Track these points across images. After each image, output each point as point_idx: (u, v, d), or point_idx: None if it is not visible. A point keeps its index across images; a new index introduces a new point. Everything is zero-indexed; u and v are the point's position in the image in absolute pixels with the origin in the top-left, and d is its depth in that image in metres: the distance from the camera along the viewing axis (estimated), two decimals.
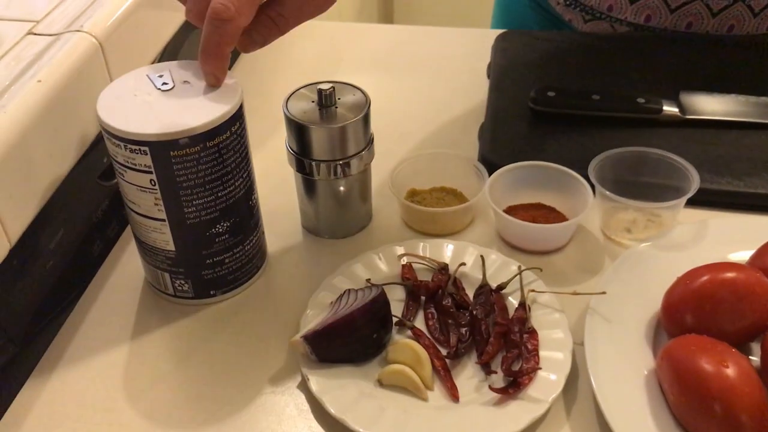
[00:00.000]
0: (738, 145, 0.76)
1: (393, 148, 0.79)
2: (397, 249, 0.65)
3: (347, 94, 0.64)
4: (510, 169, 0.70)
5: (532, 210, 0.70)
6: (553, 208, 0.70)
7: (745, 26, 0.90)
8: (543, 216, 0.69)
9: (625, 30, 0.92)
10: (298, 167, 0.65)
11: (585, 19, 0.95)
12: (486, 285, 0.61)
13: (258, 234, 0.64)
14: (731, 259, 0.61)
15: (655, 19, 0.90)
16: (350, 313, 0.55)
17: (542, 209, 0.70)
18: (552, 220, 0.68)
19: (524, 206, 0.70)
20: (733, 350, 0.50)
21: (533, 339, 0.56)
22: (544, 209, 0.70)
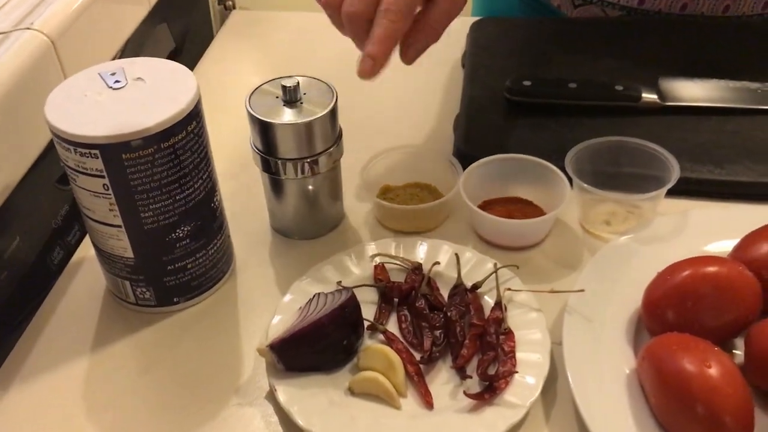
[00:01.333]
0: (719, 131, 0.74)
1: (365, 143, 0.76)
2: (369, 249, 0.63)
3: (313, 88, 0.62)
4: (485, 162, 0.67)
5: (509, 204, 0.67)
6: (530, 202, 0.68)
7: (741, 6, 0.87)
8: (520, 210, 0.66)
9: (618, 14, 0.90)
10: (263, 166, 0.62)
11: (575, 3, 0.92)
12: (461, 284, 0.59)
13: (223, 237, 0.61)
14: (714, 250, 0.59)
15: (649, 1, 0.88)
16: (318, 319, 0.53)
17: (519, 203, 0.68)
18: (529, 215, 0.66)
19: (501, 200, 0.68)
20: (715, 349, 0.48)
21: (510, 340, 0.54)
22: (520, 203, 0.68)
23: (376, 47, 0.58)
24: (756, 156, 0.70)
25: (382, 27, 0.58)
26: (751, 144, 0.71)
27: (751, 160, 0.69)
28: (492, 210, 0.66)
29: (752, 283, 0.52)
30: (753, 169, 0.69)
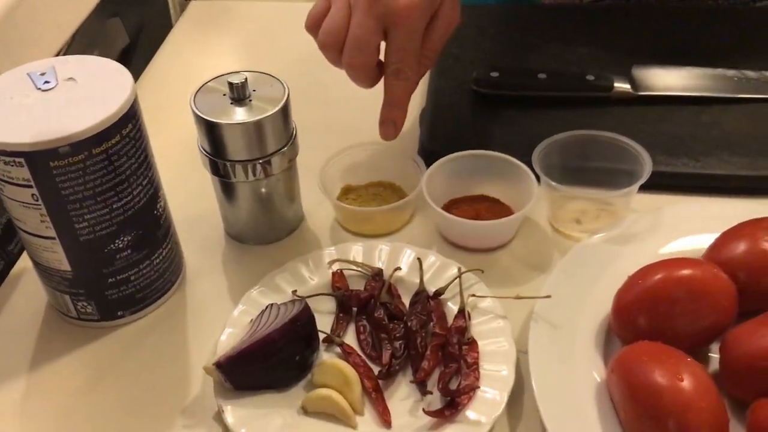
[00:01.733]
0: (695, 122, 0.71)
1: (323, 141, 0.72)
2: (328, 254, 0.59)
3: (263, 84, 0.58)
4: (449, 160, 0.64)
5: (476, 203, 0.64)
6: (497, 200, 0.64)
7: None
8: (487, 209, 0.63)
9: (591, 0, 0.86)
10: (212, 169, 0.58)
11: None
12: (423, 291, 0.55)
13: (169, 245, 0.57)
14: (689, 249, 0.56)
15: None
16: (268, 334, 0.49)
17: (486, 202, 0.64)
18: (496, 214, 0.62)
19: (467, 199, 0.65)
20: (688, 359, 0.45)
21: (473, 351, 0.51)
22: (487, 202, 0.64)
23: (395, 111, 0.61)
24: (733, 148, 0.67)
25: (399, 89, 0.59)
26: (728, 135, 0.69)
27: (727, 152, 0.67)
28: (458, 210, 0.63)
29: (727, 287, 0.49)
30: (729, 162, 0.66)
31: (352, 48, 0.57)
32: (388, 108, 0.61)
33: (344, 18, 0.57)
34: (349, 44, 0.57)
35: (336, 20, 0.57)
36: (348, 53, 0.57)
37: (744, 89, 0.73)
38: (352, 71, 0.59)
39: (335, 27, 0.57)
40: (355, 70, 0.58)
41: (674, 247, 0.57)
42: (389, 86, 0.60)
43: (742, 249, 0.52)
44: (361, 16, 0.56)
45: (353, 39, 0.57)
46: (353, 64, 0.58)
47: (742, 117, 0.71)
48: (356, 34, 0.57)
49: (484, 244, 0.61)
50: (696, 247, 0.56)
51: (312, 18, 0.60)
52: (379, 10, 0.56)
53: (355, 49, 0.57)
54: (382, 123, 0.62)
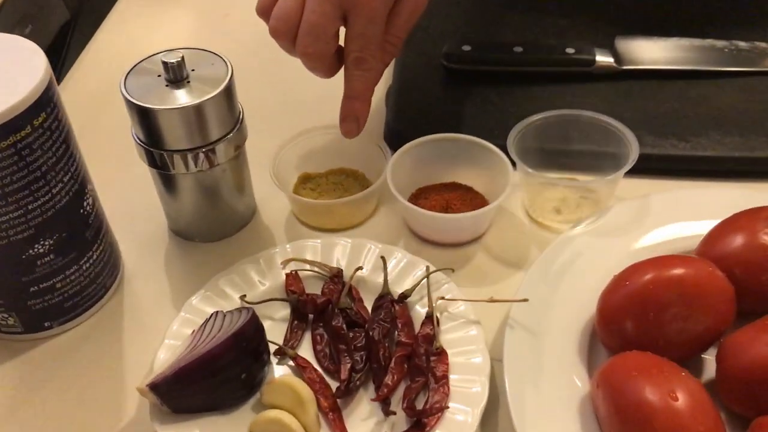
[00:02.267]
0: (683, 98, 0.65)
1: (277, 124, 0.66)
2: (281, 253, 0.53)
3: (203, 62, 0.51)
4: (416, 144, 0.58)
5: (446, 192, 0.58)
6: (470, 189, 0.59)
7: None
8: (458, 199, 0.57)
9: None
10: (149, 161, 0.52)
11: None
12: (387, 294, 0.50)
13: (101, 247, 0.51)
14: (680, 244, 0.51)
15: None
16: (208, 351, 0.43)
17: (457, 190, 0.58)
18: (468, 204, 0.57)
19: (437, 187, 0.59)
20: (683, 374, 0.40)
21: (442, 363, 0.46)
22: (459, 190, 0.58)
23: (357, 104, 0.55)
24: (724, 127, 0.61)
25: (360, 80, 0.54)
26: (719, 113, 0.63)
27: (718, 131, 0.61)
28: (427, 199, 0.57)
29: (724, 287, 0.44)
30: (721, 143, 0.60)
31: (307, 35, 0.51)
32: (350, 101, 0.55)
33: (298, 2, 0.51)
34: (304, 31, 0.51)
35: (288, 4, 0.51)
36: (302, 41, 0.51)
37: (735, 62, 0.68)
38: (308, 60, 0.53)
39: (287, 12, 0.51)
40: (311, 59, 0.52)
41: (664, 239, 0.52)
42: (350, 77, 0.54)
43: (739, 243, 0.46)
44: (316, 0, 0.50)
45: (308, 25, 0.51)
46: (308, 53, 0.52)
47: (733, 92, 0.65)
48: (311, 20, 0.50)
49: (455, 239, 0.56)
50: (687, 238, 0.51)
51: (263, 1, 0.53)
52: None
53: (310, 36, 0.51)
54: (344, 119, 0.56)
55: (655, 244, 0.51)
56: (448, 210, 0.56)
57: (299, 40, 0.51)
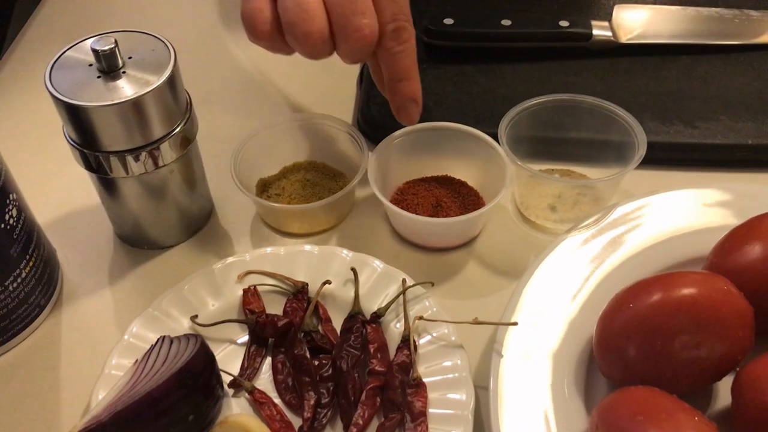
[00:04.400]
0: (689, 76, 0.59)
1: (235, 107, 0.60)
2: (238, 264, 0.47)
3: (141, 48, 0.44)
4: (401, 135, 0.51)
5: (436, 187, 0.52)
6: (463, 184, 0.52)
7: None
8: (449, 196, 0.51)
9: None
10: (84, 164, 0.45)
11: None
12: (358, 314, 0.44)
13: (32, 263, 0.45)
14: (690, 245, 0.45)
15: None
16: (148, 392, 0.37)
17: (449, 185, 0.52)
18: (460, 203, 0.51)
19: (427, 180, 0.53)
20: (696, 419, 0.34)
21: (420, 396, 0.40)
22: (451, 185, 0.52)
23: (413, 84, 0.47)
24: (736, 109, 0.55)
25: (405, 55, 0.45)
26: (729, 93, 0.57)
27: (729, 115, 0.55)
28: (415, 195, 0.51)
29: (742, 309, 0.38)
30: (733, 129, 0.54)
31: (357, 13, 0.42)
32: (403, 84, 0.46)
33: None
34: (350, 10, 0.42)
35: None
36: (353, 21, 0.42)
37: (746, 34, 0.61)
38: (311, 45, 0.43)
39: (310, 6, 0.42)
40: (315, 41, 0.43)
41: (673, 244, 0.46)
42: (392, 55, 0.45)
43: (757, 254, 0.41)
44: None
45: (351, 3, 0.42)
46: (310, 32, 0.42)
47: (745, 69, 0.59)
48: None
49: (444, 243, 0.50)
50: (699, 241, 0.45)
51: (257, 18, 0.43)
52: None
53: (360, 13, 0.42)
54: (402, 107, 0.47)
55: (663, 251, 0.45)
56: (437, 208, 0.50)
57: (293, 28, 0.42)
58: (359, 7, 0.42)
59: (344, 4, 0.42)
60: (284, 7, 0.42)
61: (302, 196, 0.52)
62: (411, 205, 0.50)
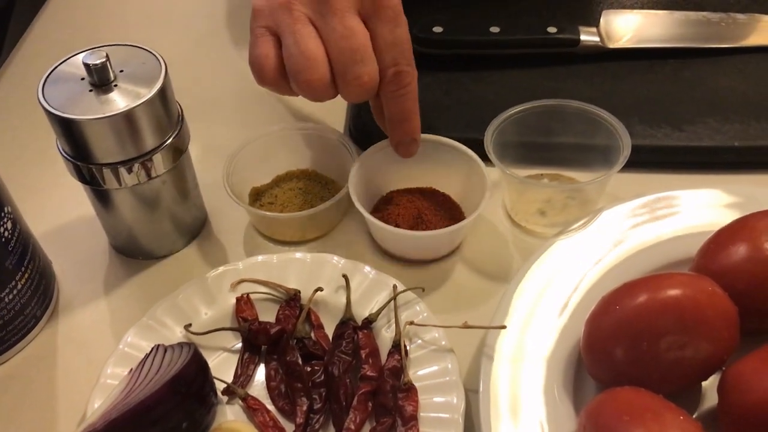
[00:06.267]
0: (676, 80, 0.59)
1: (232, 124, 0.60)
2: (231, 272, 0.48)
3: (132, 61, 0.45)
4: (383, 146, 0.52)
5: (418, 199, 0.52)
6: (447, 197, 0.53)
7: None
8: (431, 209, 0.51)
9: None
10: (78, 176, 0.46)
11: None
12: (349, 320, 0.44)
13: (27, 274, 0.45)
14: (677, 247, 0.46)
15: None
16: (141, 401, 0.38)
17: (432, 198, 0.52)
18: (441, 216, 0.51)
19: (410, 192, 0.53)
20: (681, 417, 0.35)
21: (411, 400, 0.41)
22: (434, 198, 0.52)
23: (412, 124, 0.48)
24: (722, 112, 0.56)
25: (406, 98, 0.46)
26: (715, 96, 0.57)
27: (716, 118, 0.56)
28: (397, 207, 0.52)
29: (727, 309, 0.39)
30: (720, 131, 0.55)
31: (357, 62, 0.43)
32: (402, 125, 0.48)
33: (316, 39, 0.44)
34: (350, 59, 0.43)
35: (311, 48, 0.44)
36: (353, 70, 0.44)
37: (732, 37, 0.62)
38: (313, 92, 0.45)
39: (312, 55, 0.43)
40: (318, 88, 0.44)
41: (660, 247, 0.46)
42: (393, 97, 0.46)
43: (742, 255, 0.41)
44: (338, 22, 0.43)
45: (351, 52, 0.43)
46: (313, 81, 0.44)
47: (731, 72, 0.60)
48: (350, 45, 0.43)
49: (425, 256, 0.50)
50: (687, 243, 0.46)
51: (264, 66, 0.45)
52: (351, 4, 0.43)
53: (359, 62, 0.43)
54: (400, 144, 0.49)
55: (651, 253, 0.46)
56: (418, 220, 0.50)
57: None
58: (359, 56, 0.43)
59: (344, 52, 0.43)
60: (288, 54, 0.44)
61: (295, 204, 0.53)
62: (392, 216, 0.50)
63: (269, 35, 0.45)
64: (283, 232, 0.52)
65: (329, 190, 0.54)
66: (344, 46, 0.43)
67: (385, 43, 0.44)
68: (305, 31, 0.44)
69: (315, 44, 0.44)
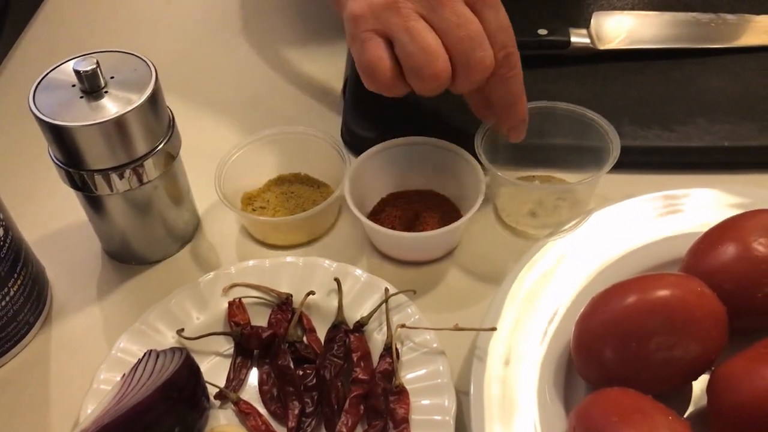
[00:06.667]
0: (667, 80, 0.60)
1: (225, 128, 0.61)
2: (223, 277, 0.48)
3: (123, 68, 0.45)
4: (378, 150, 0.52)
5: (416, 201, 0.53)
6: (445, 199, 0.53)
7: None
8: (428, 211, 0.52)
9: None
10: (69, 182, 0.46)
11: None
12: (341, 323, 0.45)
13: (20, 281, 0.46)
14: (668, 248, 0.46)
15: None
16: (133, 406, 0.38)
17: (430, 200, 0.53)
18: (438, 218, 0.51)
19: (409, 195, 0.53)
20: (669, 417, 0.35)
21: (402, 403, 0.41)
22: (432, 200, 0.53)
23: (524, 107, 0.48)
24: (711, 113, 0.56)
25: (516, 79, 0.47)
26: (705, 96, 0.58)
27: (706, 118, 0.56)
28: (395, 208, 0.52)
29: (715, 309, 0.39)
30: (710, 131, 0.55)
31: (476, 48, 0.44)
32: (513, 108, 0.48)
33: (432, 32, 0.44)
34: (470, 46, 0.44)
35: (430, 41, 0.43)
36: (474, 56, 0.44)
37: (722, 37, 0.62)
38: (437, 84, 0.45)
39: (432, 48, 0.43)
40: (441, 80, 0.44)
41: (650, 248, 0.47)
42: (504, 81, 0.46)
43: (730, 255, 0.41)
44: (450, 12, 0.43)
45: (469, 39, 0.43)
46: (436, 74, 0.44)
47: (721, 72, 0.60)
48: (468, 33, 0.43)
49: (420, 257, 0.50)
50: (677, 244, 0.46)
51: (378, 68, 0.45)
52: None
53: (479, 47, 0.44)
54: (513, 128, 0.49)
55: (641, 254, 0.46)
56: (416, 222, 0.51)
57: (420, 71, 0.44)
58: (477, 42, 0.44)
59: (463, 40, 0.44)
60: (407, 52, 0.44)
61: (287, 208, 0.53)
62: (389, 218, 0.51)
63: (378, 37, 0.45)
64: (275, 236, 0.52)
65: (321, 194, 0.54)
66: (462, 35, 0.43)
67: (492, 29, 0.45)
68: (419, 27, 0.43)
69: (432, 37, 0.44)
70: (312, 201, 0.53)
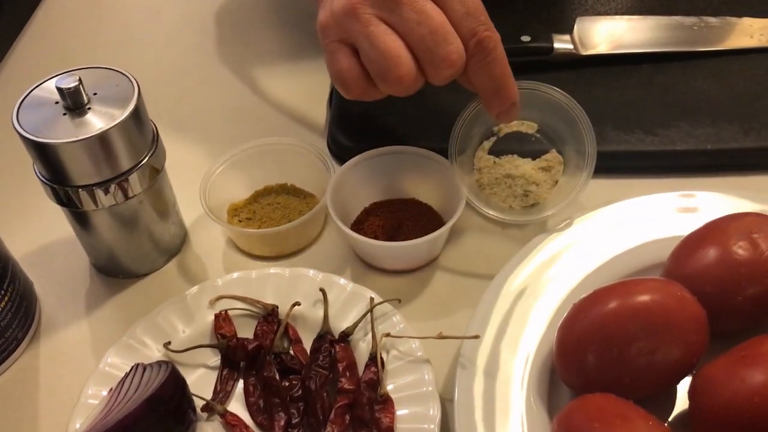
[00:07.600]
0: (649, 85, 0.60)
1: (210, 141, 0.61)
2: (209, 289, 0.48)
3: (105, 83, 0.46)
4: (363, 159, 0.52)
5: (400, 210, 0.53)
6: (428, 207, 0.53)
7: None
8: (411, 220, 0.52)
9: None
10: (55, 198, 0.47)
11: None
12: (326, 333, 0.45)
13: (7, 297, 0.46)
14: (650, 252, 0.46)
15: None
16: (119, 421, 0.38)
17: (413, 208, 0.53)
18: (421, 226, 0.51)
19: (392, 203, 0.54)
20: (650, 422, 0.35)
21: (387, 412, 0.41)
22: (415, 209, 0.53)
23: (511, 89, 0.46)
24: (694, 116, 0.56)
25: (494, 63, 0.44)
26: (687, 100, 0.58)
27: (688, 121, 0.56)
28: (378, 218, 0.52)
29: (695, 313, 0.39)
30: (692, 135, 0.55)
31: (440, 43, 0.43)
32: (498, 93, 0.45)
33: (392, 34, 0.43)
34: (433, 42, 0.43)
35: (389, 45, 0.43)
36: (438, 52, 0.43)
37: (705, 41, 0.63)
38: (403, 87, 0.44)
39: (393, 52, 0.42)
40: (407, 84, 0.44)
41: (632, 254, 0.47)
42: (481, 67, 0.44)
43: (711, 259, 0.42)
44: (408, 10, 0.42)
45: (431, 35, 0.42)
46: (401, 77, 0.43)
47: (703, 75, 0.60)
48: (429, 29, 0.42)
49: (403, 266, 0.51)
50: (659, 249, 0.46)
51: (348, 79, 0.45)
52: None
53: (443, 42, 0.43)
54: (501, 113, 0.47)
55: (623, 259, 0.47)
56: (399, 230, 0.51)
57: (384, 76, 0.43)
58: (440, 36, 0.42)
59: (425, 37, 0.43)
60: (369, 59, 0.43)
61: (273, 219, 0.53)
62: (372, 227, 0.51)
63: (344, 46, 0.44)
64: (261, 248, 0.52)
65: (308, 204, 0.55)
66: (423, 32, 0.42)
67: (458, 17, 0.43)
68: (379, 31, 0.43)
69: (392, 39, 0.43)
70: (298, 211, 0.54)
